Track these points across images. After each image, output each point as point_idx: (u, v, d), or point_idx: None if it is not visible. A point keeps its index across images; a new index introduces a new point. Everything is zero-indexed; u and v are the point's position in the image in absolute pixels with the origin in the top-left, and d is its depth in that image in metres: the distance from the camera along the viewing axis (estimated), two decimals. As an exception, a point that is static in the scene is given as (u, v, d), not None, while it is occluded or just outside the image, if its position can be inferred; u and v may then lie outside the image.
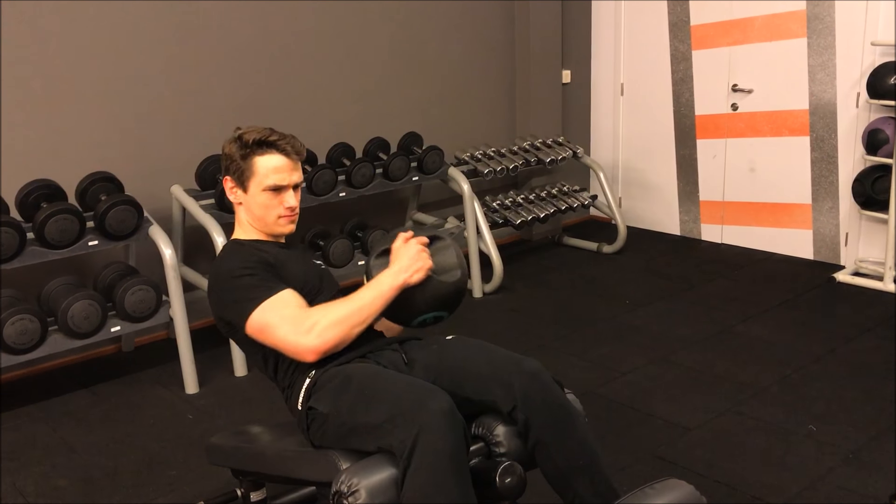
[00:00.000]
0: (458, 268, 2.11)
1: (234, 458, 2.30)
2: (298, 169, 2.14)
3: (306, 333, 1.94)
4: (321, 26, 4.49)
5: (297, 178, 2.12)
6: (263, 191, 2.09)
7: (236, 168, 2.11)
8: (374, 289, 2.00)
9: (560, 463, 1.90)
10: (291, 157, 2.10)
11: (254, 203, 2.12)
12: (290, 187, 2.11)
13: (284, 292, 2.00)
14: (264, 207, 2.12)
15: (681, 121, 5.45)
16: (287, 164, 2.10)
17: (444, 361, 2.04)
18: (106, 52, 3.80)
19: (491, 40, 5.33)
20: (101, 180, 3.55)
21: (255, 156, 2.08)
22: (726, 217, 5.35)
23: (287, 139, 2.11)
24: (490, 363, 1.98)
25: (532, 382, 1.91)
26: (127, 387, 3.61)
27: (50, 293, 3.45)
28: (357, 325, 1.98)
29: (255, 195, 2.11)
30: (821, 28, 4.64)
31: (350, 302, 1.99)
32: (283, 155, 2.09)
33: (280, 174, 2.09)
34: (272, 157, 2.08)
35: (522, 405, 1.89)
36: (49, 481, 2.85)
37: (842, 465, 2.72)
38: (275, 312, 1.97)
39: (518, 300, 4.52)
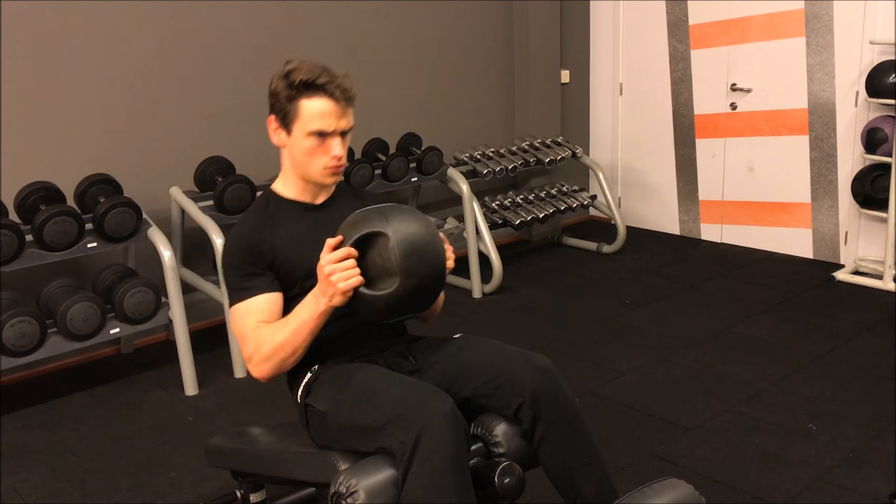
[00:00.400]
0: (396, 274, 1.80)
1: (233, 459, 2.30)
2: (348, 115, 1.98)
3: (248, 361, 1.96)
4: (319, 27, 4.49)
5: (344, 125, 1.97)
6: (307, 136, 1.95)
7: (280, 108, 1.98)
8: (297, 318, 1.90)
9: (566, 461, 1.89)
10: (340, 103, 1.95)
11: (297, 148, 1.99)
12: (336, 134, 1.97)
13: (250, 301, 1.96)
14: (307, 154, 1.98)
15: (680, 120, 5.45)
16: (334, 108, 1.94)
17: (452, 359, 2.01)
18: (104, 54, 3.80)
19: (489, 40, 5.33)
20: (99, 182, 3.55)
21: (300, 98, 1.94)
22: (726, 217, 5.34)
23: (337, 81, 1.94)
24: (499, 360, 1.96)
25: (542, 379, 1.90)
26: (126, 389, 3.61)
27: (49, 295, 3.45)
28: (290, 356, 1.93)
29: (298, 139, 1.97)
30: (819, 27, 4.64)
31: (281, 331, 1.91)
32: (331, 99, 1.94)
33: (326, 119, 1.94)
34: (319, 101, 1.93)
35: (531, 401, 1.87)
36: (48, 484, 2.85)
37: (842, 465, 2.72)
38: (237, 322, 1.98)
39: (518, 301, 4.52)
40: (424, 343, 2.14)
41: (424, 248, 1.83)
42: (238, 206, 3.74)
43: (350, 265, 1.81)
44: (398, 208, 1.88)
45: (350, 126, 2.00)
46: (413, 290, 1.82)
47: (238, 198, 3.73)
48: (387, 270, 1.80)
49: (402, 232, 1.81)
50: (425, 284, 1.85)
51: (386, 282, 1.81)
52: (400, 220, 1.83)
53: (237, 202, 3.74)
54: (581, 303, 4.44)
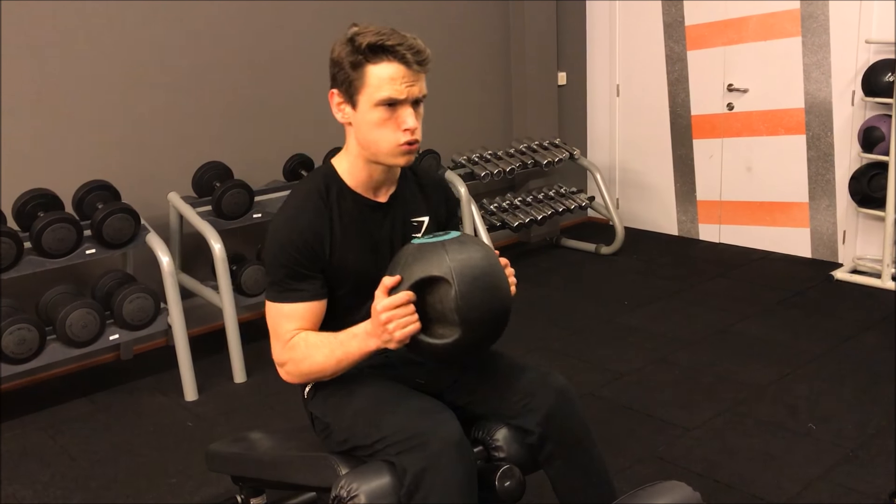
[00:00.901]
0: (457, 325, 1.65)
1: (233, 464, 2.30)
2: (420, 81, 1.75)
3: (280, 365, 1.85)
4: (318, 32, 4.48)
5: (416, 92, 1.74)
6: (375, 106, 1.73)
7: (344, 78, 1.75)
8: (342, 347, 1.76)
9: (573, 480, 1.89)
10: (412, 67, 1.72)
11: (364, 123, 1.76)
12: (408, 103, 1.74)
13: (295, 306, 1.80)
14: (377, 128, 1.75)
15: (677, 121, 5.46)
16: (406, 73, 1.71)
17: (465, 370, 1.98)
18: (102, 61, 3.80)
19: (486, 43, 5.34)
20: (97, 189, 3.55)
21: (367, 63, 1.71)
22: (724, 217, 5.35)
23: (408, 42, 1.72)
24: (514, 375, 1.92)
25: (558, 400, 1.87)
26: (126, 395, 3.61)
27: (48, 302, 3.45)
28: (322, 377, 1.84)
29: (365, 112, 1.75)
30: (815, 27, 4.65)
31: (321, 353, 1.78)
32: (402, 63, 1.71)
33: (396, 85, 1.71)
34: (389, 66, 1.71)
35: (544, 420, 1.84)
36: (48, 490, 2.85)
37: (842, 464, 2.72)
38: (276, 320, 1.83)
39: (517, 302, 4.47)
40: None
41: (489, 296, 1.69)
42: (236, 211, 3.74)
43: (408, 311, 1.65)
44: (460, 242, 1.71)
45: (423, 94, 1.77)
46: (475, 340, 1.70)
47: (236, 203, 3.73)
48: (447, 319, 1.66)
49: (465, 278, 1.65)
50: (488, 334, 1.72)
51: (446, 329, 1.68)
52: (462, 260, 1.66)
53: (235, 207, 3.74)
54: (580, 304, 4.44)
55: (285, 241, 1.80)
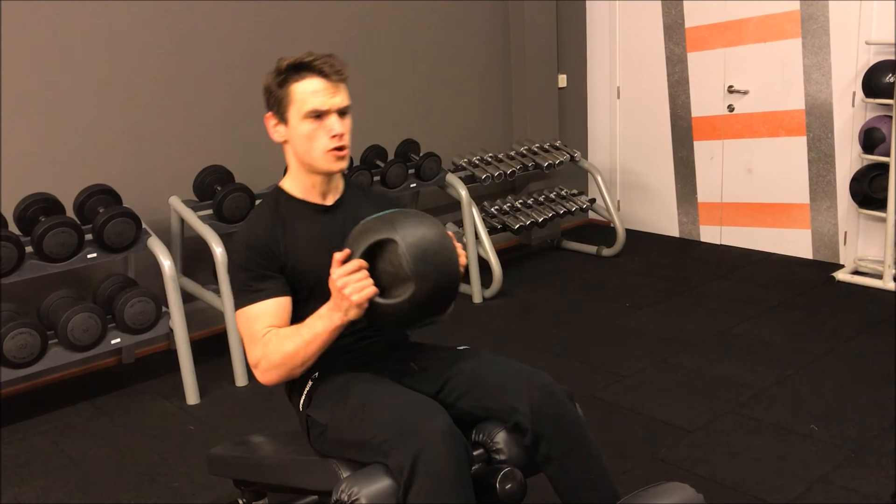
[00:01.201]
0: (409, 279, 1.75)
1: (235, 468, 2.30)
2: (341, 91, 1.95)
3: (255, 367, 1.93)
4: (317, 35, 4.49)
5: (340, 102, 1.94)
6: (304, 118, 1.92)
7: (275, 100, 1.95)
8: (310, 329, 1.86)
9: (571, 478, 1.89)
10: (331, 79, 1.92)
11: (296, 136, 1.95)
12: (332, 111, 1.93)
13: (261, 305, 1.92)
14: (308, 139, 1.93)
15: (677, 123, 5.46)
16: (326, 85, 1.91)
17: (454, 370, 2.00)
18: (103, 64, 3.81)
19: (486, 46, 5.34)
20: (98, 193, 3.56)
21: (291, 82, 1.91)
22: (724, 218, 5.35)
23: (324, 59, 1.92)
24: (502, 375, 1.94)
25: (545, 397, 1.88)
26: (128, 399, 3.61)
27: (49, 306, 3.45)
28: (299, 366, 1.90)
29: (296, 126, 1.94)
30: (815, 28, 4.65)
31: (291, 341, 1.88)
32: (321, 77, 1.91)
33: (319, 97, 1.91)
34: (310, 81, 1.91)
35: (534, 419, 1.86)
36: (50, 494, 2.85)
37: (843, 465, 2.72)
38: (245, 325, 1.93)
39: (518, 305, 4.52)
40: (427, 352, 2.12)
41: (435, 250, 1.78)
42: (237, 214, 3.75)
43: (363, 276, 1.76)
44: (404, 213, 1.84)
45: (346, 104, 1.96)
46: (429, 293, 1.78)
47: (237, 206, 3.74)
48: (400, 277, 1.76)
49: (410, 236, 1.76)
50: (441, 286, 1.80)
51: (400, 289, 1.76)
52: (407, 224, 1.79)
53: (236, 211, 3.74)
54: (581, 306, 4.44)
55: (244, 248, 1.96)
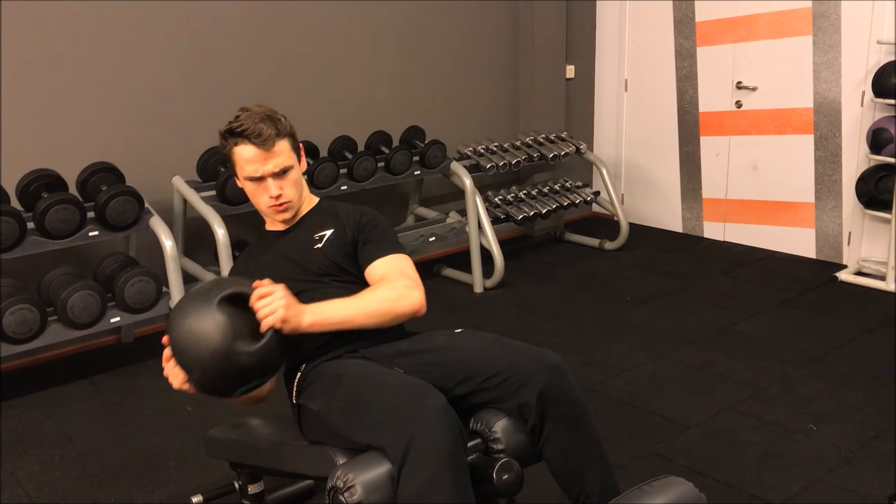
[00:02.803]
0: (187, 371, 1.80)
1: (232, 450, 2.30)
2: (276, 155, 2.04)
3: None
4: (325, 19, 4.47)
5: (272, 167, 2.04)
6: (245, 180, 2.09)
7: (227, 158, 2.12)
8: None
9: (571, 458, 1.89)
10: (261, 148, 2.02)
11: (246, 192, 2.14)
12: (266, 177, 2.06)
13: None
14: (252, 195, 2.12)
15: (684, 118, 5.43)
16: (258, 154, 2.02)
17: (454, 351, 1.98)
18: (108, 42, 3.79)
19: (494, 34, 5.31)
20: (101, 171, 3.54)
21: (231, 146, 2.06)
22: (729, 215, 5.33)
23: (254, 128, 2.01)
24: (508, 353, 1.93)
25: (553, 376, 1.88)
26: (126, 378, 3.61)
27: (50, 283, 3.44)
28: None
29: (243, 184, 2.12)
30: (826, 26, 4.62)
31: None
32: (253, 145, 2.02)
33: (252, 165, 2.04)
34: (244, 148, 2.04)
35: (540, 398, 1.86)
36: (47, 472, 2.85)
37: (842, 465, 2.72)
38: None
39: (519, 296, 4.51)
40: (422, 337, 2.11)
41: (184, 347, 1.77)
42: (241, 196, 3.73)
43: (172, 365, 1.81)
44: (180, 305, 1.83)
45: (282, 166, 2.05)
46: (204, 380, 1.79)
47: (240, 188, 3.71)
48: None
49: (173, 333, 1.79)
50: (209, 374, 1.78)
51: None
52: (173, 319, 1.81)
53: (239, 192, 3.71)
54: (582, 299, 4.43)
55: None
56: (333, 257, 2.12)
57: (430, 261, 5.03)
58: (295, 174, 2.10)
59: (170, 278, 3.46)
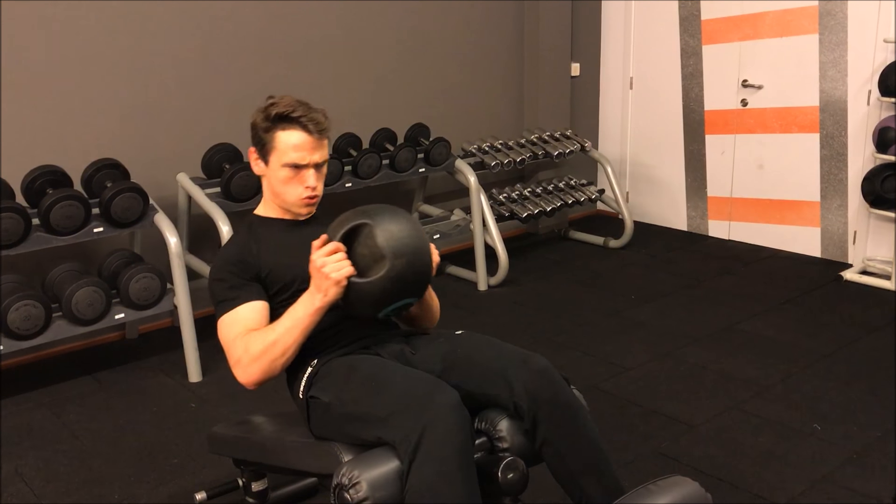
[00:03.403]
0: (384, 256, 1.84)
1: (235, 447, 2.30)
2: (322, 148, 2.07)
3: (235, 367, 1.98)
4: (329, 16, 4.46)
5: (318, 158, 2.06)
6: (283, 166, 2.05)
7: (259, 139, 2.08)
8: (291, 315, 1.94)
9: (568, 461, 1.89)
10: (314, 135, 2.04)
11: (274, 178, 2.09)
12: (310, 166, 2.06)
13: (238, 310, 2.00)
14: (283, 184, 2.08)
15: (690, 116, 5.42)
16: (308, 141, 2.04)
17: (452, 355, 2.00)
18: (113, 39, 3.79)
19: (500, 32, 5.30)
20: (106, 167, 3.55)
21: (277, 130, 2.04)
22: (734, 213, 5.32)
23: (310, 116, 2.03)
24: (498, 359, 1.94)
25: (540, 380, 1.89)
26: (130, 374, 3.61)
27: (54, 279, 3.44)
28: (280, 356, 1.94)
29: (275, 170, 2.07)
30: (833, 24, 4.61)
31: (273, 331, 1.94)
32: (305, 132, 2.03)
33: (300, 152, 2.03)
34: (294, 133, 2.03)
35: (530, 403, 1.86)
36: (51, 467, 2.86)
37: (846, 465, 2.71)
38: (224, 332, 2.01)
39: (523, 294, 4.51)
40: (426, 338, 2.13)
41: (408, 232, 1.88)
42: (245, 193, 3.73)
43: (340, 257, 1.86)
44: (377, 206, 1.95)
45: (324, 159, 2.09)
46: (403, 270, 1.85)
47: (245, 185, 3.72)
48: (375, 258, 1.85)
49: (383, 220, 1.88)
50: (413, 265, 1.87)
51: (376, 267, 1.85)
52: (381, 211, 1.90)
53: (244, 189, 3.73)
54: (587, 297, 4.42)
55: (219, 263, 2.08)
56: None
57: (434, 258, 5.02)
58: (325, 169, 2.14)
59: (174, 275, 3.46)
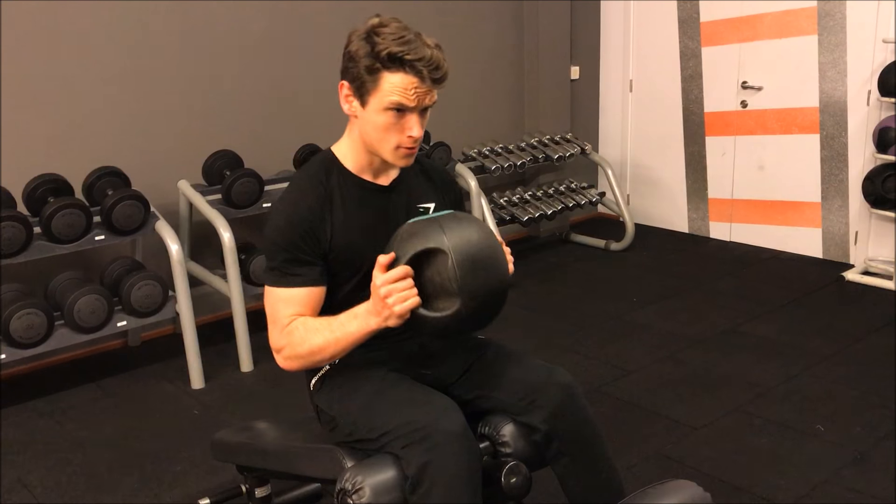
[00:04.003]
0: (456, 295, 1.65)
1: (238, 453, 2.29)
2: (432, 92, 1.78)
3: (277, 351, 1.83)
4: (329, 19, 4.47)
5: (427, 101, 1.78)
6: (384, 110, 1.75)
7: (357, 76, 1.76)
8: (342, 327, 1.75)
9: (581, 477, 1.88)
10: (426, 83, 1.75)
11: (370, 123, 1.79)
12: (416, 111, 1.77)
13: (294, 291, 1.79)
14: (382, 130, 1.78)
15: (690, 118, 5.42)
16: (420, 85, 1.74)
17: (474, 361, 1.97)
18: (113, 46, 3.79)
19: (499, 36, 5.31)
20: (108, 175, 3.55)
21: (384, 70, 1.73)
22: (735, 215, 5.32)
23: (427, 58, 1.74)
24: (521, 370, 1.91)
25: (564, 396, 1.86)
26: (133, 381, 3.61)
27: (56, 288, 3.45)
28: (321, 361, 1.82)
29: (372, 113, 1.77)
30: (832, 25, 4.61)
31: (321, 335, 1.77)
32: (418, 77, 1.73)
33: (408, 94, 1.74)
34: (405, 77, 1.73)
35: (551, 418, 1.84)
36: (54, 476, 2.86)
37: (849, 466, 2.71)
38: (273, 305, 1.82)
39: (525, 297, 4.51)
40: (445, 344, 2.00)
41: (486, 266, 1.69)
42: (246, 200, 3.74)
43: (407, 285, 1.65)
44: (455, 217, 1.73)
45: (433, 101, 1.80)
46: (475, 311, 1.68)
47: (246, 192, 3.73)
48: (446, 290, 1.66)
49: (461, 248, 1.65)
50: (487, 304, 1.70)
51: (445, 302, 1.67)
52: (458, 232, 1.68)
53: (245, 196, 3.73)
54: (588, 300, 4.42)
55: (286, 226, 1.80)
56: None
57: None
58: (429, 112, 1.84)
59: (176, 282, 3.46)
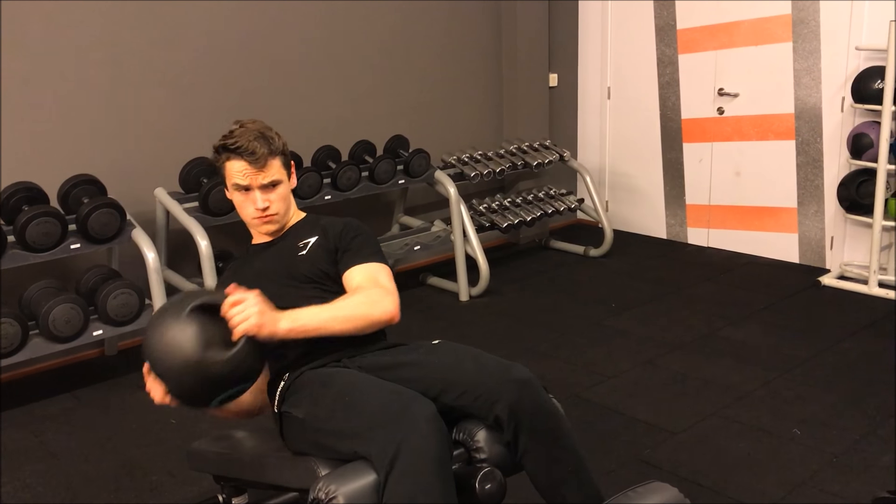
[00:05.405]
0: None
1: (215, 463, 2.28)
2: (267, 171, 2.13)
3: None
4: (307, 28, 4.47)
5: (262, 180, 2.12)
6: (234, 191, 2.16)
7: (218, 168, 2.20)
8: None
9: (550, 471, 1.89)
10: (253, 164, 2.11)
11: (234, 203, 2.20)
12: (255, 188, 2.13)
13: None
14: (239, 207, 2.20)
15: (667, 125, 5.46)
16: (248, 168, 2.12)
17: (431, 365, 1.99)
18: (89, 54, 3.77)
19: (478, 43, 5.33)
20: (83, 183, 3.52)
21: (224, 161, 2.15)
22: (712, 221, 5.36)
23: (247, 146, 2.10)
24: (479, 369, 1.94)
25: (522, 390, 1.88)
26: (109, 391, 3.58)
27: (31, 297, 3.42)
28: None
29: (231, 195, 2.19)
30: (806, 32, 4.66)
31: None
32: (245, 162, 2.11)
33: (243, 174, 2.12)
34: (236, 162, 2.12)
35: (512, 413, 1.86)
36: (29, 487, 2.83)
37: (826, 469, 2.73)
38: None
39: (504, 303, 4.51)
40: (403, 349, 2.12)
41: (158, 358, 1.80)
42: (223, 207, 3.72)
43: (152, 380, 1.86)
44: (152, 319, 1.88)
45: (272, 180, 2.14)
46: (179, 390, 1.81)
47: (223, 199, 3.70)
48: None
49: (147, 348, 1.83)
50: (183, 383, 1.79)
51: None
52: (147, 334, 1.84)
53: (222, 204, 3.71)
54: (567, 306, 4.44)
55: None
56: (318, 264, 2.16)
57: (415, 269, 5.03)
58: (283, 189, 2.19)
59: (153, 290, 3.44)
